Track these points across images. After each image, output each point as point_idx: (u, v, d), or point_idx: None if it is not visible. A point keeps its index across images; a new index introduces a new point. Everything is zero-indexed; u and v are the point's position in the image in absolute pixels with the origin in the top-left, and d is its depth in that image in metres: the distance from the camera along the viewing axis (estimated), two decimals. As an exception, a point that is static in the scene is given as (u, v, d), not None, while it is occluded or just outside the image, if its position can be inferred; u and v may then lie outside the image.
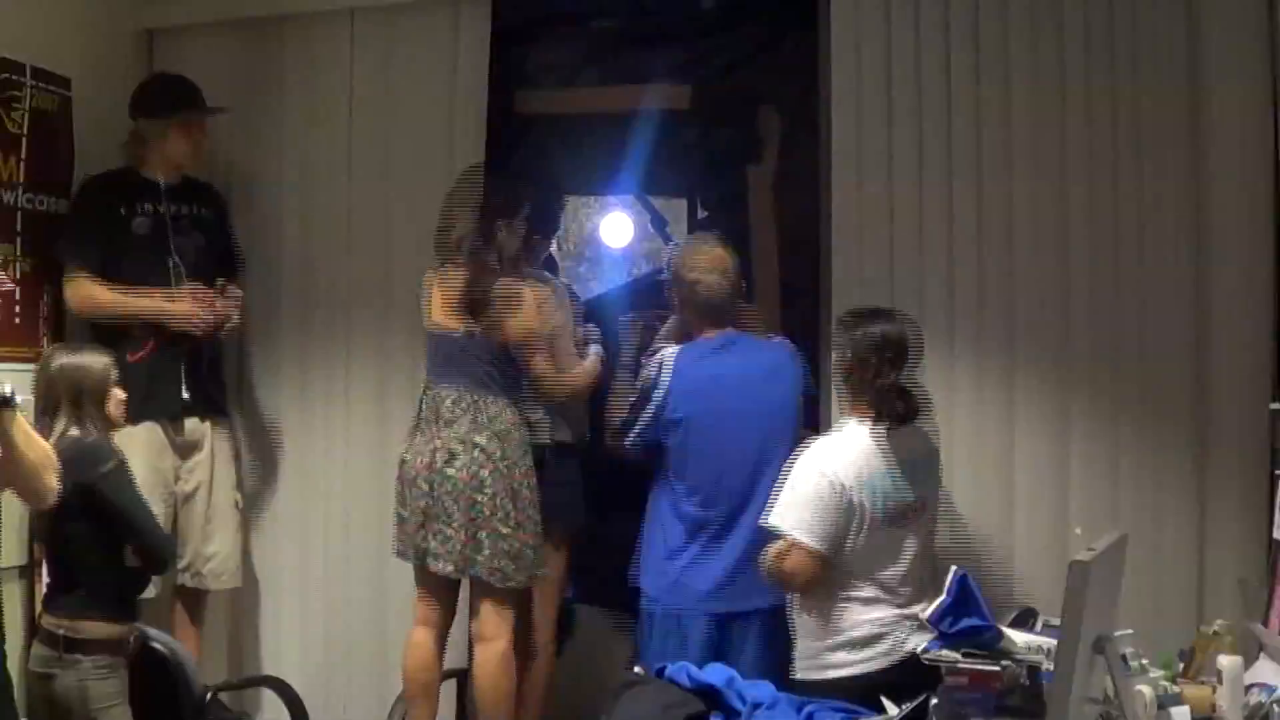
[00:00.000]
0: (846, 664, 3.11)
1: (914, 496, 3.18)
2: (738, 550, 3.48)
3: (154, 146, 3.98)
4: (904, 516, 3.17)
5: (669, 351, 3.60)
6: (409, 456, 3.66)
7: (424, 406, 3.68)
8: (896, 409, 3.17)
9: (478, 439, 3.56)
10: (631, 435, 3.62)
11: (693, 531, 3.57)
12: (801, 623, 3.20)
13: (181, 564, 3.90)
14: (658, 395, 3.56)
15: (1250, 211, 3.40)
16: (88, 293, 3.83)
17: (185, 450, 3.97)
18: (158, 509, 3.73)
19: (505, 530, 3.53)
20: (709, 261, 3.60)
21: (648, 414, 3.58)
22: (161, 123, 3.96)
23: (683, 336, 3.67)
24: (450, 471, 3.54)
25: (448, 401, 3.62)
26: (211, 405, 4.06)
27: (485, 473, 3.54)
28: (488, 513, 3.52)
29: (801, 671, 3.17)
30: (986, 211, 3.60)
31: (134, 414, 3.63)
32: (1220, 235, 3.42)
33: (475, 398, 3.60)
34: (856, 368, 3.21)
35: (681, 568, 3.56)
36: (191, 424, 3.98)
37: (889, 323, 3.25)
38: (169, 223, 3.97)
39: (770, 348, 3.68)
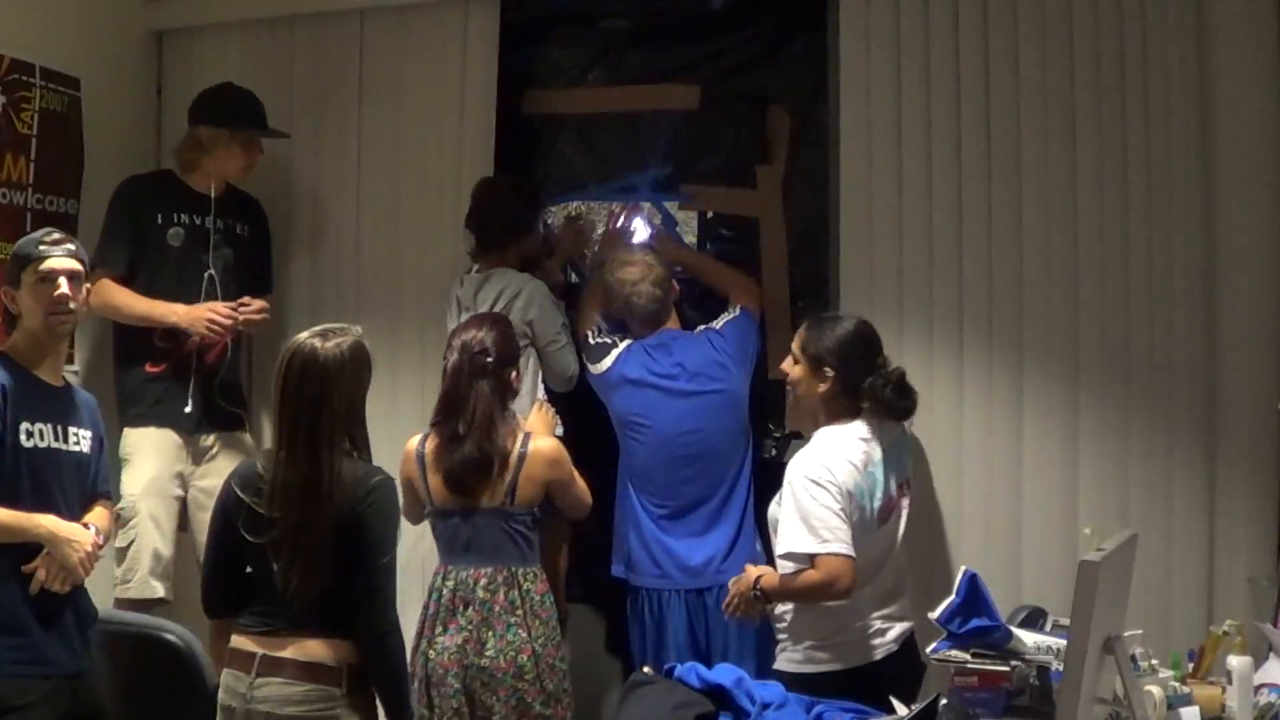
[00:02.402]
0: (834, 660, 3.10)
1: (895, 487, 3.18)
2: (707, 528, 3.71)
3: (210, 156, 3.94)
4: (888, 509, 3.16)
5: (613, 352, 3.81)
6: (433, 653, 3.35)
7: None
8: (894, 402, 3.15)
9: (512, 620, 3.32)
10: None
11: (660, 515, 3.75)
12: (792, 623, 3.17)
13: None
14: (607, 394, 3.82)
15: (1259, 211, 3.40)
16: (107, 295, 3.77)
17: (200, 460, 3.94)
18: (159, 510, 3.78)
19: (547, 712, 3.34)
20: (638, 271, 3.83)
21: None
22: (225, 134, 3.92)
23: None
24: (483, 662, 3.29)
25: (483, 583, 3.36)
26: (231, 419, 4.02)
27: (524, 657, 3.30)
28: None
29: (789, 665, 3.16)
30: (995, 211, 3.60)
31: (148, 418, 3.79)
32: (1229, 234, 3.41)
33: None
34: (840, 369, 3.16)
35: (655, 550, 3.75)
36: (210, 438, 3.96)
37: (856, 321, 3.25)
38: (209, 235, 3.94)
39: (701, 339, 3.83)
